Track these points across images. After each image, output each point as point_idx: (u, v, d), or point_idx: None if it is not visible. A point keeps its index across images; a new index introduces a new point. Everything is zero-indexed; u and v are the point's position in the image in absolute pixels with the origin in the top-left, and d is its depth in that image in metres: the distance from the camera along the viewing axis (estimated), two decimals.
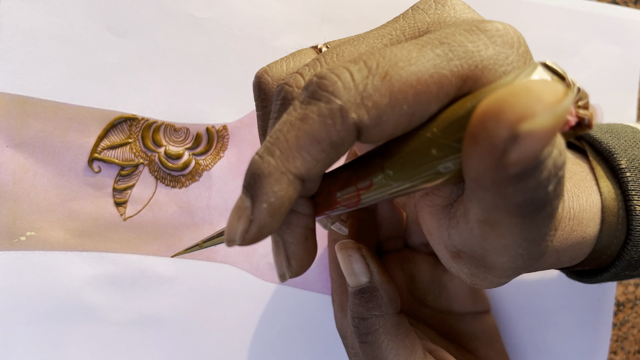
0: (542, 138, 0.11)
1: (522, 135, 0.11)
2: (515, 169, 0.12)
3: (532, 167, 0.12)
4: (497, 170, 0.12)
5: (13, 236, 0.28)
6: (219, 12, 0.29)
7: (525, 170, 0.12)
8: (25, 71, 0.27)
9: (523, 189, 0.13)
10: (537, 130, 0.11)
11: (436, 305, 0.29)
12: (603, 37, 0.33)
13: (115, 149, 0.29)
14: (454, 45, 0.15)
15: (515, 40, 0.15)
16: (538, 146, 0.12)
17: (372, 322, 0.22)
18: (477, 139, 0.12)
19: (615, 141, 0.22)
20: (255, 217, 0.15)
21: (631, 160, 0.21)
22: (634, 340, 0.35)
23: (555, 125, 0.11)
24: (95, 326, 0.29)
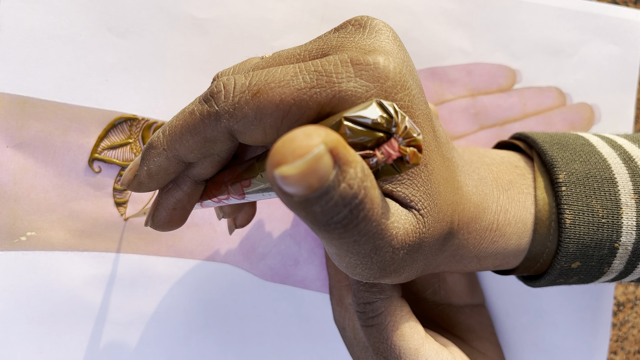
0: (297, 179, 0.13)
1: (281, 177, 0.13)
2: (296, 198, 0.14)
3: (313, 199, 0.14)
4: (285, 198, 0.14)
5: (13, 236, 0.28)
6: (219, 13, 0.29)
7: (307, 200, 0.14)
8: (26, 71, 0.27)
9: (312, 213, 0.15)
10: (289, 174, 0.13)
11: (435, 298, 0.29)
12: (602, 37, 0.33)
13: (116, 149, 0.29)
14: (322, 74, 0.17)
15: (384, 75, 0.17)
16: (299, 185, 0.13)
17: (378, 306, 0.23)
18: (269, 177, 0.14)
19: (560, 153, 0.23)
20: (138, 174, 0.20)
21: (570, 174, 0.22)
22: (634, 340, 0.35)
23: (303, 171, 0.13)
24: (96, 326, 0.29)
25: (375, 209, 0.16)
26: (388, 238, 0.17)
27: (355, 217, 0.15)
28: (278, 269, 0.30)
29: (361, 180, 0.15)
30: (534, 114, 0.33)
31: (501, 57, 0.32)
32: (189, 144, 0.18)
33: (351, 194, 0.15)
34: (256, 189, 0.19)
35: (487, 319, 0.30)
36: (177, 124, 0.18)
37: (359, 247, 0.17)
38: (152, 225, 0.21)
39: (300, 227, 0.31)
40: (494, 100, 0.32)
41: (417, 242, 0.18)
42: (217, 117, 0.17)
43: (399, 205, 0.18)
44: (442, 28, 0.31)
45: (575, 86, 0.33)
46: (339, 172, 0.14)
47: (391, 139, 0.15)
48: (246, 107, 0.17)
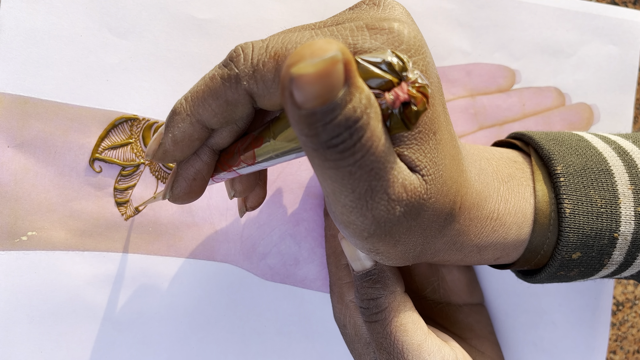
0: (311, 80, 0.13)
1: (294, 77, 0.13)
2: (304, 109, 0.14)
3: (319, 112, 0.14)
4: (293, 108, 0.14)
5: (14, 236, 0.28)
6: (220, 14, 0.29)
7: (313, 113, 0.14)
8: (26, 72, 0.28)
9: (314, 130, 0.15)
10: (305, 72, 0.13)
11: (434, 297, 0.29)
12: (601, 38, 0.33)
13: (116, 149, 0.29)
14: (337, 37, 0.17)
15: (399, 39, 0.17)
16: (311, 88, 0.14)
17: (382, 301, 0.23)
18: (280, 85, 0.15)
19: (556, 147, 0.24)
20: (163, 142, 0.20)
21: (567, 166, 0.23)
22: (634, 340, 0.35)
23: (318, 70, 0.13)
24: (97, 325, 0.29)
25: (375, 141, 0.16)
26: (385, 182, 0.17)
27: (354, 143, 0.15)
28: (278, 268, 0.30)
29: (365, 107, 0.15)
30: (533, 114, 0.33)
31: (500, 57, 0.32)
32: (211, 107, 0.19)
33: (354, 117, 0.15)
34: (268, 149, 0.19)
35: (486, 318, 0.30)
36: (199, 89, 0.19)
37: (353, 182, 0.17)
38: (170, 197, 0.21)
39: (301, 227, 0.31)
40: (493, 100, 0.32)
41: (415, 205, 0.18)
42: (237, 80, 0.18)
43: (405, 166, 0.18)
44: (442, 28, 0.32)
45: (574, 86, 0.33)
46: (347, 92, 0.14)
47: (401, 83, 0.16)
48: (265, 69, 0.17)
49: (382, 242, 0.19)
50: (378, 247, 0.19)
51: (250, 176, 0.23)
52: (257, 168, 0.21)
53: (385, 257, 0.21)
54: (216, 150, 0.21)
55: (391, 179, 0.17)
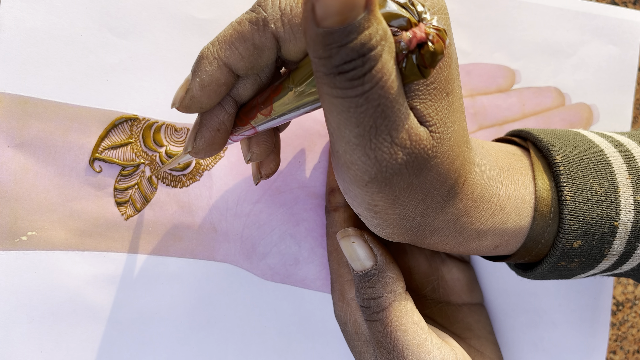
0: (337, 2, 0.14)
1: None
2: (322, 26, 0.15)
3: (337, 32, 0.15)
4: (312, 25, 0.15)
5: (14, 236, 0.28)
6: (219, 14, 0.29)
7: (330, 32, 0.15)
8: (26, 71, 0.28)
9: (329, 51, 0.15)
10: None
11: (434, 296, 0.29)
12: (601, 38, 0.33)
13: (117, 149, 0.29)
14: None
15: None
16: (336, 8, 0.14)
17: (382, 301, 0.23)
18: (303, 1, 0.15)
19: (554, 140, 0.24)
20: (191, 87, 0.20)
21: (566, 156, 0.23)
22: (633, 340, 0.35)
23: None
24: (96, 325, 0.29)
25: (385, 75, 0.16)
26: (390, 122, 0.17)
27: (364, 72, 0.16)
28: (278, 268, 0.30)
29: (380, 38, 0.15)
30: (533, 114, 0.33)
31: (500, 57, 0.32)
32: (238, 51, 0.19)
33: (369, 45, 0.15)
34: (286, 98, 0.19)
35: (485, 317, 0.30)
36: (226, 33, 0.19)
37: (359, 116, 0.17)
38: (193, 148, 0.21)
39: (301, 227, 0.31)
40: (493, 100, 0.33)
41: (419, 157, 0.18)
42: (265, 23, 0.18)
43: (414, 117, 0.18)
44: None
45: (574, 86, 0.33)
46: (366, 18, 0.15)
47: (420, 23, 0.16)
48: (292, 13, 0.18)
49: (381, 193, 0.19)
50: (377, 201, 0.19)
51: (266, 139, 0.23)
52: (273, 122, 0.21)
53: (384, 221, 0.20)
54: (238, 102, 0.21)
55: (396, 121, 0.17)
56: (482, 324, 0.30)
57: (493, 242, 0.23)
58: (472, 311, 0.30)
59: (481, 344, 0.29)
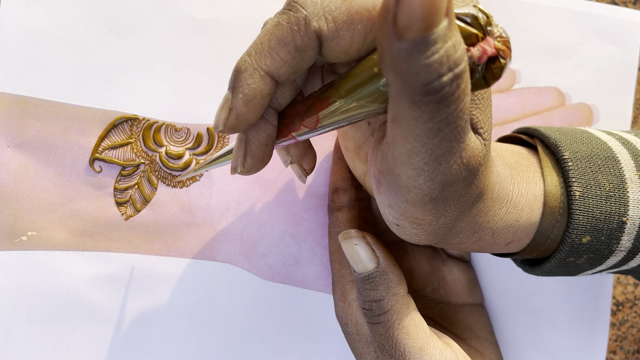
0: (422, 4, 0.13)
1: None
2: (405, 38, 0.13)
3: (422, 43, 0.13)
4: (392, 40, 0.13)
5: (14, 236, 0.28)
6: (219, 13, 0.29)
7: (415, 44, 0.13)
8: (26, 71, 0.28)
9: (416, 67, 0.14)
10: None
11: (434, 296, 0.29)
12: (601, 38, 0.33)
13: (117, 149, 0.29)
14: None
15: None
16: (419, 7, 0.13)
17: (384, 303, 0.23)
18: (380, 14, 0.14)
19: (562, 137, 0.24)
20: (234, 105, 0.18)
21: (574, 152, 0.23)
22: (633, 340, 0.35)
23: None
24: (97, 325, 0.29)
25: (467, 95, 0.15)
26: (462, 144, 0.16)
27: (453, 91, 0.15)
28: (278, 268, 0.30)
29: (463, 53, 0.14)
30: (533, 114, 0.33)
31: None
32: (279, 56, 0.17)
33: (455, 57, 0.14)
34: (336, 110, 0.18)
35: (485, 318, 0.30)
36: (262, 40, 0.18)
37: (435, 142, 0.16)
38: (245, 168, 0.20)
39: (301, 227, 0.31)
40: (493, 100, 0.33)
41: (474, 170, 0.18)
42: (307, 21, 0.17)
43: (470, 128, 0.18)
44: None
45: (574, 86, 0.33)
46: (448, 27, 0.14)
47: (487, 37, 0.16)
48: (337, 11, 0.17)
49: (435, 209, 0.18)
50: (426, 216, 0.19)
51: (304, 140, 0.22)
52: (318, 133, 0.20)
53: (423, 231, 0.20)
54: (278, 111, 0.20)
55: (466, 141, 0.17)
56: (483, 324, 0.30)
57: (506, 239, 0.23)
58: (473, 311, 0.30)
59: (481, 344, 0.29)
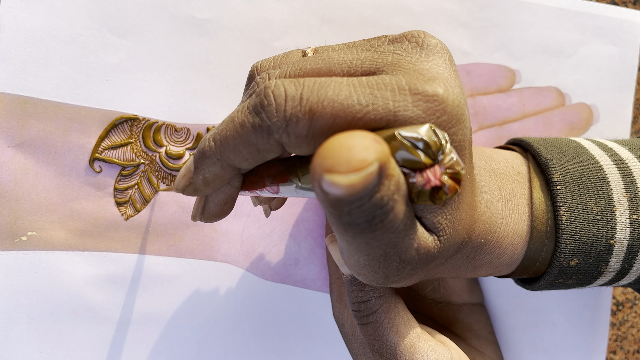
0: (344, 187, 0.14)
1: (329, 182, 0.14)
2: (330, 197, 0.14)
3: (347, 200, 0.14)
4: (322, 195, 0.15)
5: (14, 236, 0.28)
6: (219, 14, 0.29)
7: (340, 201, 0.14)
8: (26, 71, 0.27)
9: (339, 211, 0.15)
10: (339, 182, 0.14)
11: (434, 296, 0.29)
12: (601, 38, 0.33)
13: (116, 149, 0.29)
14: (378, 98, 0.16)
15: (441, 109, 0.17)
16: (344, 191, 0.14)
17: (373, 304, 0.23)
18: (312, 173, 0.15)
19: (553, 155, 0.24)
20: (194, 181, 0.20)
21: (564, 174, 0.23)
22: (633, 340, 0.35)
23: (354, 183, 0.14)
24: (97, 325, 0.29)
25: (397, 222, 0.16)
26: (399, 250, 0.17)
27: (375, 224, 0.16)
28: (278, 268, 0.30)
29: (392, 194, 0.15)
30: (533, 114, 0.33)
31: (500, 57, 0.32)
32: (242, 154, 0.18)
33: (380, 205, 0.15)
34: (293, 187, 0.19)
35: (485, 318, 0.30)
36: (229, 135, 0.18)
37: (370, 250, 0.17)
38: (202, 219, 0.21)
39: (301, 227, 0.31)
40: (493, 100, 0.33)
41: (425, 261, 0.18)
42: (270, 132, 0.17)
43: (423, 227, 0.18)
44: (442, 28, 0.32)
45: (574, 86, 0.33)
46: (378, 183, 0.14)
47: (435, 166, 0.16)
48: (299, 126, 0.17)
49: (387, 284, 0.19)
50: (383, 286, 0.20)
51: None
52: (278, 196, 0.21)
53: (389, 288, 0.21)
54: (244, 172, 0.21)
55: (406, 246, 0.17)
56: (483, 324, 0.30)
57: (487, 272, 0.24)
58: (473, 311, 0.30)
59: (481, 343, 0.29)
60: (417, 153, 0.15)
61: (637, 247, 0.23)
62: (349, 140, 0.14)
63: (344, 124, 0.16)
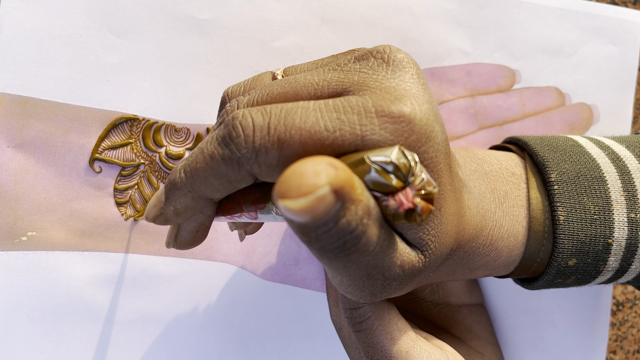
0: (298, 213, 0.14)
1: (283, 207, 0.14)
2: (295, 223, 0.15)
3: (312, 227, 0.15)
4: (288, 220, 0.15)
5: (14, 236, 0.28)
6: (219, 14, 0.29)
7: (305, 227, 0.15)
8: (26, 71, 0.28)
9: (307, 237, 0.15)
10: (291, 207, 0.14)
11: (433, 298, 0.29)
12: (601, 38, 0.33)
13: (116, 149, 0.29)
14: (345, 123, 0.16)
15: (409, 129, 0.16)
16: (300, 217, 0.14)
17: (364, 311, 0.23)
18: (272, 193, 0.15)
19: (550, 154, 0.24)
20: (164, 212, 0.20)
21: (561, 173, 0.23)
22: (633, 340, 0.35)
23: (304, 208, 0.14)
24: (96, 325, 0.29)
25: (371, 245, 0.16)
26: (381, 269, 0.17)
27: (348, 249, 0.16)
28: (278, 268, 0.30)
29: (361, 218, 0.15)
30: (533, 114, 0.33)
31: (500, 57, 0.32)
32: (213, 185, 0.18)
33: (348, 229, 0.15)
34: (271, 213, 0.19)
35: (485, 318, 0.30)
36: (199, 167, 0.18)
37: (350, 271, 0.17)
38: (175, 246, 0.21)
39: None
40: (493, 100, 0.33)
41: (411, 276, 0.18)
42: (240, 163, 0.17)
43: (405, 243, 0.18)
44: (442, 28, 0.32)
45: (574, 86, 0.33)
46: (341, 208, 0.14)
47: (406, 188, 0.16)
48: (269, 156, 0.17)
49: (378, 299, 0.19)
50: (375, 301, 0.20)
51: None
52: (257, 221, 0.21)
53: None
54: (217, 201, 0.20)
55: (388, 265, 0.17)
56: (483, 324, 0.30)
57: (484, 274, 0.24)
58: (472, 312, 0.30)
59: (481, 344, 0.28)
60: (387, 177, 0.15)
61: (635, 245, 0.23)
62: (302, 167, 0.14)
63: (313, 150, 0.16)
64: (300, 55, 0.30)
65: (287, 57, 0.30)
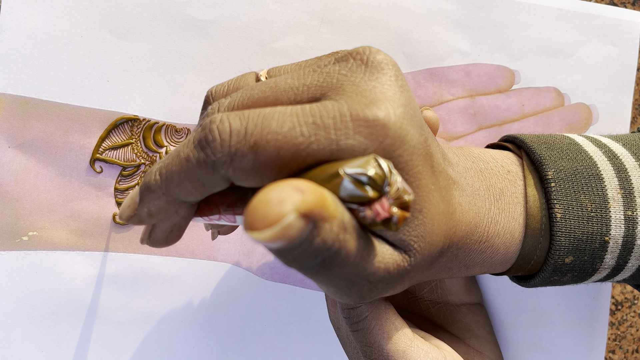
0: (268, 242, 0.14)
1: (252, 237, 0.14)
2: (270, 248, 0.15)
3: (286, 249, 0.15)
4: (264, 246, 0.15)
5: (15, 236, 0.28)
6: (220, 14, 0.29)
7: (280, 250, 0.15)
8: (27, 72, 0.28)
9: (285, 259, 0.15)
10: (259, 238, 0.14)
11: (432, 297, 0.29)
12: (600, 38, 0.33)
13: (117, 150, 0.29)
14: (320, 128, 0.16)
15: (383, 133, 0.17)
16: (272, 244, 0.14)
17: (362, 310, 0.23)
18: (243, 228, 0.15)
19: (547, 152, 0.24)
20: (138, 213, 0.20)
21: (558, 171, 0.23)
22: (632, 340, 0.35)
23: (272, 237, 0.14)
24: (97, 325, 0.29)
25: (350, 258, 0.16)
26: (365, 275, 0.17)
27: (328, 264, 0.16)
28: (278, 268, 0.31)
29: (337, 234, 0.15)
30: (532, 114, 0.33)
31: (500, 57, 0.32)
32: (187, 189, 0.18)
33: (325, 247, 0.15)
34: None
35: (484, 317, 0.30)
36: (174, 170, 0.18)
37: (334, 283, 0.17)
38: (149, 244, 0.21)
39: None
40: (493, 100, 0.33)
41: (399, 276, 0.18)
42: (215, 167, 0.17)
43: (389, 245, 0.18)
44: (441, 29, 0.32)
45: (573, 87, 0.33)
46: (314, 228, 0.15)
47: (382, 198, 0.16)
48: (244, 160, 0.17)
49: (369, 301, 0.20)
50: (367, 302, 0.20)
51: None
52: (236, 224, 0.20)
53: None
54: (194, 203, 0.20)
55: (371, 271, 0.17)
56: (481, 323, 0.30)
57: (481, 271, 0.24)
58: (471, 311, 0.30)
59: (480, 343, 0.29)
60: (363, 188, 0.15)
61: (631, 243, 0.23)
62: (267, 195, 0.14)
63: (288, 156, 0.16)
64: (300, 55, 0.30)
65: (287, 58, 0.30)
